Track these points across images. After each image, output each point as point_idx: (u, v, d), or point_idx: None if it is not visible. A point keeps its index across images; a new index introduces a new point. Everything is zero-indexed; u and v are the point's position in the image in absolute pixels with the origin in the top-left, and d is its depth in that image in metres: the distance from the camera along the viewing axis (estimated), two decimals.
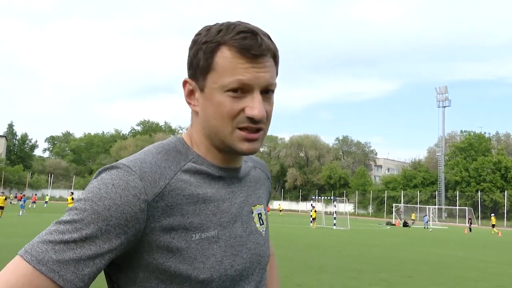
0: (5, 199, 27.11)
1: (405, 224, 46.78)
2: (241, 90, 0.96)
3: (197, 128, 1.05)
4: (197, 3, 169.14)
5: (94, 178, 0.93)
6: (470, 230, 40.17)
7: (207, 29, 1.01)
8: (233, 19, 0.95)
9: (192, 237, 0.95)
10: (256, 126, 0.98)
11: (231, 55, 0.96)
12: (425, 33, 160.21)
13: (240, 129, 0.98)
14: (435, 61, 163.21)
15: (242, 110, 0.97)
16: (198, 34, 1.02)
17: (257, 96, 0.97)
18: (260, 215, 1.13)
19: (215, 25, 1.01)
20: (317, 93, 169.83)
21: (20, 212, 31.45)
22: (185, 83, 1.04)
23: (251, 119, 0.97)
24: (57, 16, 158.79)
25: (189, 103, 1.04)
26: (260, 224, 1.12)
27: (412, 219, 53.42)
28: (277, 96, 0.97)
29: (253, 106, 0.96)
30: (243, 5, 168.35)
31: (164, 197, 0.92)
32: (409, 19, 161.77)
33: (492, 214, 42.33)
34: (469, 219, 44.44)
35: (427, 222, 46.51)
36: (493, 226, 40.02)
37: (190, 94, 1.04)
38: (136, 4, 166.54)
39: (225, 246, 0.99)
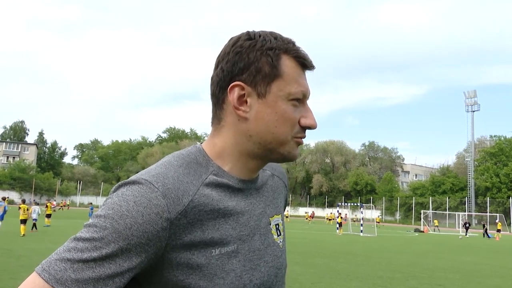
0: (27, 209, 20.15)
1: (466, 225, 42.97)
2: (299, 101, 0.99)
3: (231, 135, 1.00)
4: (221, 12, 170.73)
5: (114, 193, 0.90)
6: (488, 237, 38.98)
7: (259, 34, 0.99)
8: (259, 26, 1.01)
9: (212, 253, 0.92)
10: (305, 135, 1.03)
11: (293, 64, 0.99)
12: (452, 36, 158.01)
13: (295, 137, 1.01)
14: (463, 65, 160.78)
15: (298, 119, 1.00)
16: (250, 39, 0.99)
17: (309, 107, 1.02)
18: (277, 226, 1.10)
19: (262, 32, 1.01)
20: (343, 98, 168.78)
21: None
22: (235, 87, 0.97)
23: (307, 128, 1.01)
24: (85, 27, 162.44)
25: (237, 109, 0.98)
26: (278, 235, 1.10)
27: (436, 225, 52.29)
28: None
29: (309, 116, 1.01)
30: (268, 12, 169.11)
31: (187, 214, 0.90)
32: (436, 23, 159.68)
33: None
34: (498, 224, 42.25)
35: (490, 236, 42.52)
36: None
37: (240, 99, 0.98)
38: (161, 13, 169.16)
39: (244, 260, 0.97)
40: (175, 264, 0.90)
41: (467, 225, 42.94)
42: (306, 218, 63.81)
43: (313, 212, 70.49)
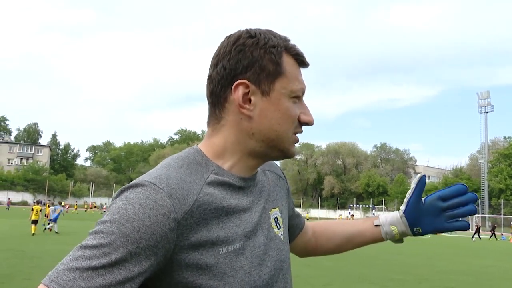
0: (40, 210, 20.35)
1: (493, 229, 42.78)
2: (298, 98, 1.01)
3: (233, 133, 1.00)
4: (230, 14, 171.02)
5: (117, 197, 0.88)
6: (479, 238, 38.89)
7: (259, 32, 0.99)
8: (268, 27, 0.99)
9: (220, 252, 0.91)
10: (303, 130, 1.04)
11: (292, 62, 1.00)
12: (465, 37, 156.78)
13: (294, 133, 1.02)
14: (476, 66, 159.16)
15: (298, 116, 1.01)
16: (252, 37, 0.98)
17: (305, 104, 1.03)
18: (276, 219, 1.10)
19: (261, 30, 1.01)
20: (354, 100, 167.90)
21: None
22: (239, 85, 0.97)
23: (305, 125, 1.03)
24: (96, 29, 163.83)
25: (241, 107, 0.97)
26: (278, 228, 1.09)
27: None
28: (313, 103, 1.02)
29: (307, 113, 1.02)
30: (277, 13, 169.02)
31: (193, 214, 0.89)
32: (448, 23, 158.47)
33: None
34: (477, 227, 40.65)
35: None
36: None
37: (244, 98, 0.97)
38: (172, 15, 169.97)
39: (251, 257, 0.96)
40: (184, 265, 0.88)
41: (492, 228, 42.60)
42: None
43: (352, 215, 68.67)
